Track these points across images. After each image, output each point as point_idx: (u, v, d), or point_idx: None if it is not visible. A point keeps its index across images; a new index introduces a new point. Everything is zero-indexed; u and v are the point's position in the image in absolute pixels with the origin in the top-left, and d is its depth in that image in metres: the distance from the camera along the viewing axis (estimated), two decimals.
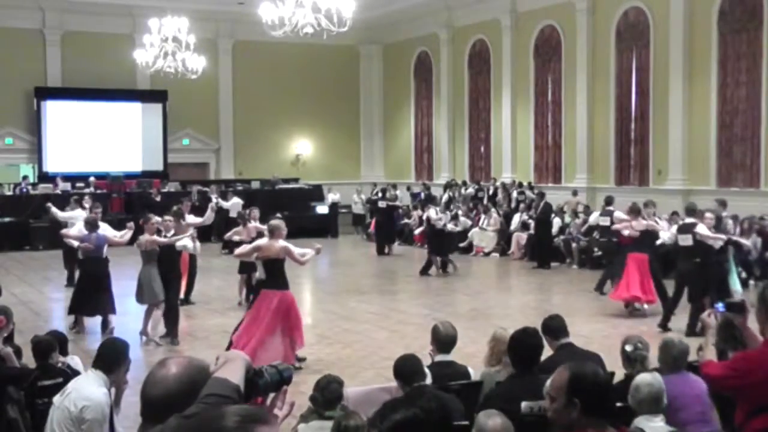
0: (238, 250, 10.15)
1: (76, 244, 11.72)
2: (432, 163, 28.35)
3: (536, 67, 23.70)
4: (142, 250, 10.93)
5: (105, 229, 11.78)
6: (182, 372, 2.34)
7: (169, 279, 10.94)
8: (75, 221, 13.38)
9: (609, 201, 15.66)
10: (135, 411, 2.34)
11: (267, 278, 9.30)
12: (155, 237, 11.02)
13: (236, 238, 13.26)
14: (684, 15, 19.06)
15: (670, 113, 19.49)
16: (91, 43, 25.74)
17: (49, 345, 6.17)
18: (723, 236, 11.50)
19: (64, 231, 12.85)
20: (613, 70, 21.18)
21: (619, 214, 14.10)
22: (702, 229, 11.15)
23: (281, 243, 9.21)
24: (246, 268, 13.09)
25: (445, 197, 23.77)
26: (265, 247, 9.25)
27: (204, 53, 22.39)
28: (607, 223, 14.68)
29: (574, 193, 20.78)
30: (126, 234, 11.80)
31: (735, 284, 12.02)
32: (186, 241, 11.75)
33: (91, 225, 11.44)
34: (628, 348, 5.43)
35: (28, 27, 25.44)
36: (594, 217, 17.51)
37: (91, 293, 11.04)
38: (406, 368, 5.07)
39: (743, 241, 12.18)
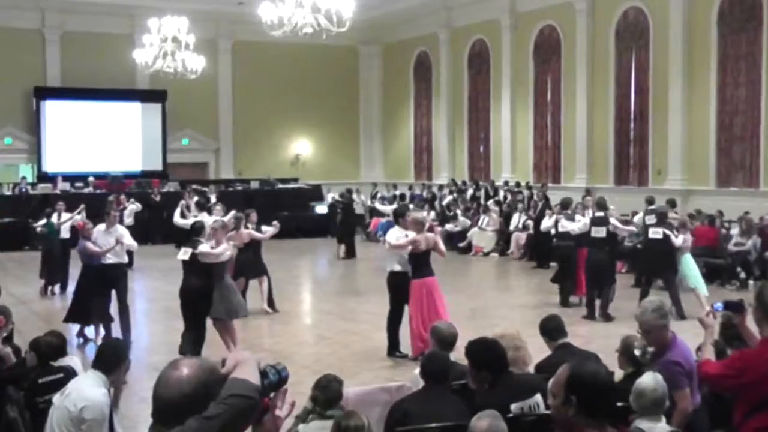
0: (396, 242, 9.89)
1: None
2: (431, 163, 28.36)
3: (536, 67, 23.71)
4: (226, 260, 9.85)
5: (121, 236, 10.90)
6: (195, 373, 2.34)
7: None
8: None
9: (651, 201, 15.28)
10: (135, 411, 2.35)
11: (418, 269, 9.72)
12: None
13: (231, 243, 12.95)
14: (683, 15, 19.07)
15: (669, 113, 19.50)
16: (91, 43, 25.74)
17: (53, 348, 6.13)
18: (633, 228, 12.91)
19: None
20: (612, 71, 21.19)
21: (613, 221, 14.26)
22: (615, 221, 12.66)
23: (432, 234, 9.94)
24: (245, 272, 12.87)
25: (449, 198, 23.74)
26: (423, 239, 9.74)
27: (203, 53, 22.39)
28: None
29: (587, 192, 20.56)
30: (111, 245, 10.71)
31: (690, 278, 12.49)
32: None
33: (81, 234, 10.98)
34: (637, 352, 5.42)
35: (28, 27, 25.45)
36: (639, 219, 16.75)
37: (82, 303, 10.66)
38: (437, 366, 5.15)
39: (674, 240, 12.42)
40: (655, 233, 12.51)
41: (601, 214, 12.66)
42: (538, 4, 23.21)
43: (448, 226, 21.62)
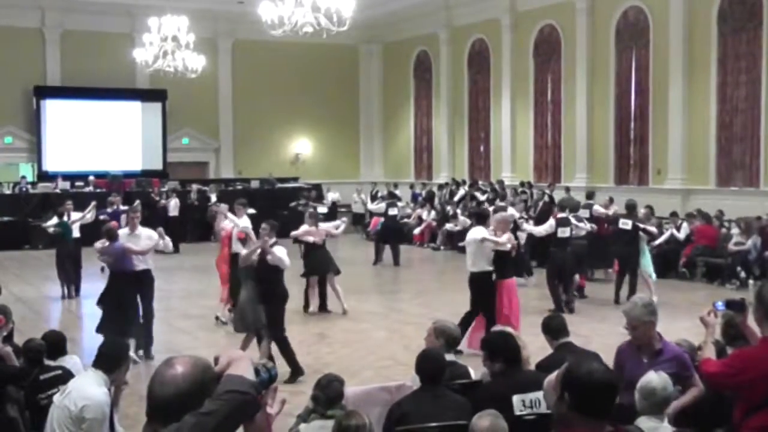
0: (499, 239, 10.01)
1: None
2: (431, 162, 28.37)
3: (536, 67, 23.70)
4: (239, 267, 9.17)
5: (149, 237, 10.26)
6: (190, 371, 2.35)
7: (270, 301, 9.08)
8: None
9: (590, 195, 16.89)
10: (135, 410, 2.34)
11: (505, 268, 10.12)
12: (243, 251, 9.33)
13: (310, 239, 12.63)
14: (684, 15, 19.06)
15: (669, 113, 19.50)
16: (91, 42, 25.74)
17: (39, 352, 6.14)
18: (593, 225, 14.22)
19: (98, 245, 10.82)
20: (612, 70, 21.18)
21: (598, 207, 15.64)
22: (575, 221, 13.50)
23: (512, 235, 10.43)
24: (321, 268, 12.70)
25: (462, 192, 23.78)
26: (510, 238, 10.12)
27: (203, 52, 22.37)
28: (587, 215, 15.36)
29: (566, 190, 20.72)
30: (153, 243, 10.21)
31: (648, 266, 13.61)
32: (281, 253, 9.11)
33: (108, 235, 9.94)
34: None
35: (28, 26, 25.45)
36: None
37: (111, 313, 9.66)
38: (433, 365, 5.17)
39: (650, 228, 13.84)
40: (624, 224, 13.49)
41: (564, 215, 13.43)
42: (538, 4, 23.19)
43: (448, 226, 21.61)
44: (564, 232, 13.09)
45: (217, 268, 12.36)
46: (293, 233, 12.93)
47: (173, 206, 21.33)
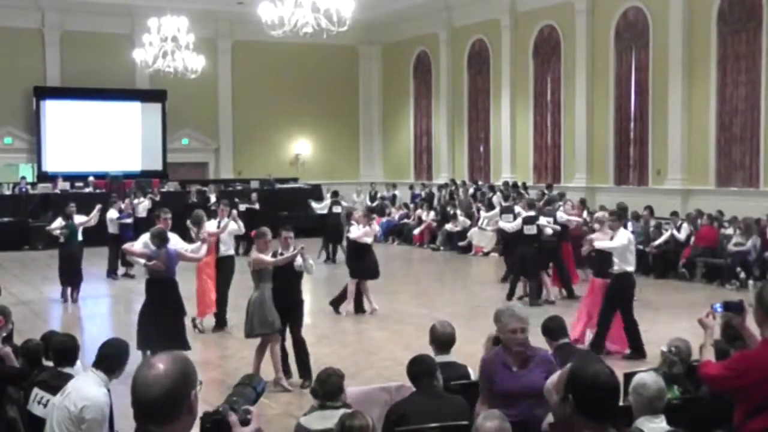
0: (601, 244, 10.18)
1: (141, 262, 9.66)
2: (431, 163, 28.37)
3: (535, 67, 23.70)
4: (252, 269, 8.84)
5: (175, 242, 9.74)
6: (173, 367, 2.35)
7: (285, 306, 8.84)
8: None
9: (561, 196, 17.58)
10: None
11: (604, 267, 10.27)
12: (263, 256, 8.74)
13: (368, 240, 12.67)
14: (683, 15, 19.07)
15: (669, 113, 19.50)
16: (91, 43, 25.74)
17: (37, 353, 6.13)
18: (558, 227, 14.05)
19: (127, 246, 10.20)
20: (612, 70, 21.18)
21: (561, 213, 15.44)
22: (543, 221, 13.88)
23: None
24: (376, 271, 12.75)
25: (471, 190, 23.91)
26: None
27: (203, 53, 22.38)
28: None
29: (561, 195, 20.70)
30: (201, 249, 9.94)
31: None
32: (298, 260, 8.91)
33: (159, 238, 9.16)
34: (664, 348, 5.60)
35: (28, 27, 25.46)
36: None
37: (163, 324, 9.00)
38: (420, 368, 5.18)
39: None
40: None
41: (532, 213, 13.89)
42: (538, 4, 23.20)
43: (448, 226, 21.62)
44: (530, 230, 13.47)
45: (203, 274, 11.67)
46: (352, 236, 12.80)
47: (142, 208, 21.23)
